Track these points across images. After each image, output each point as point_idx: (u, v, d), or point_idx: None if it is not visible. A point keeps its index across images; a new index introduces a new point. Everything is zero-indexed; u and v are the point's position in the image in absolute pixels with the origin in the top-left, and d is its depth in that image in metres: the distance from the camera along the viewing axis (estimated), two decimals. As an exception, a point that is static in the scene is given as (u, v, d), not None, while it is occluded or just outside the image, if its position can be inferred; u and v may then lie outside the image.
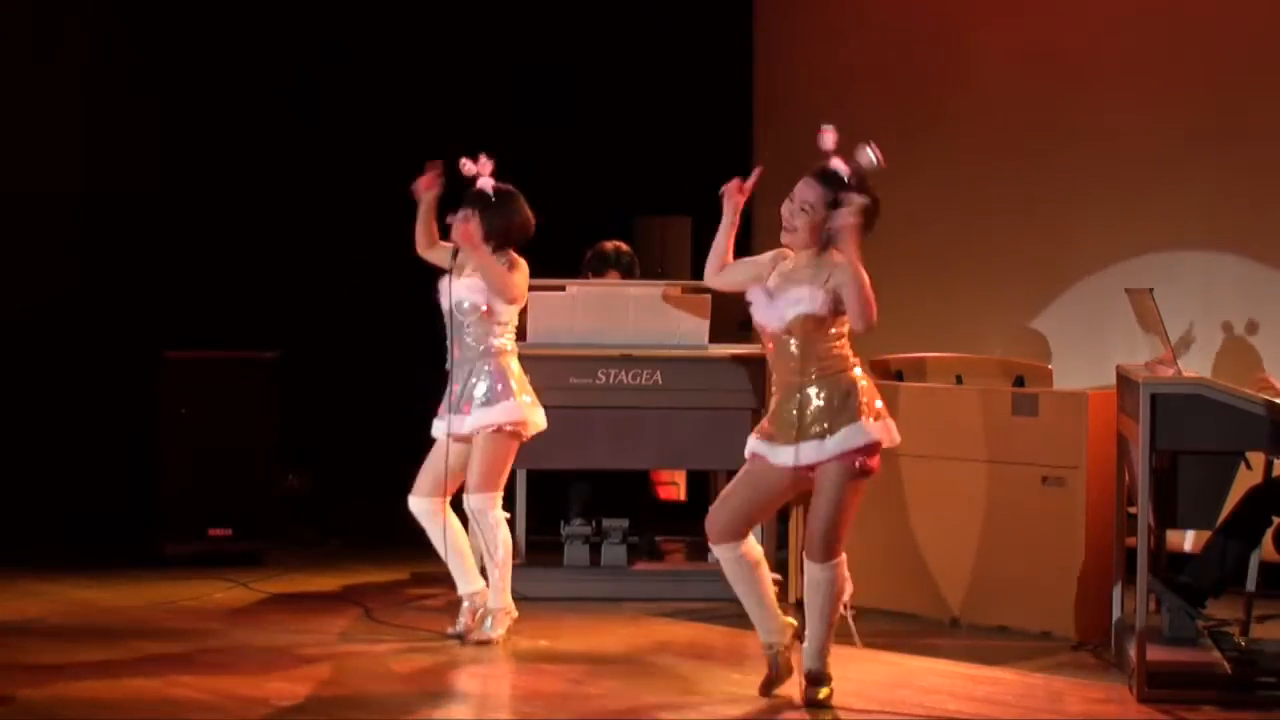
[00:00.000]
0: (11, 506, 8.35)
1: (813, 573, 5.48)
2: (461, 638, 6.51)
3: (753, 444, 5.62)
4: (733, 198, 5.67)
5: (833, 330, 5.47)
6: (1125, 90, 8.49)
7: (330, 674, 5.95)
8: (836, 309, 5.43)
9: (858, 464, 5.42)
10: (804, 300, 5.43)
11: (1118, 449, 6.48)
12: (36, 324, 8.70)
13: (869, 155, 5.41)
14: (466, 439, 6.49)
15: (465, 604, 6.60)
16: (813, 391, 5.45)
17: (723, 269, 5.75)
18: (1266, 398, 5.70)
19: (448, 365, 6.56)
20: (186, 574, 7.76)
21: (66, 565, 7.90)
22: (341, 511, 9.14)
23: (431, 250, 6.63)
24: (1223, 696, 5.62)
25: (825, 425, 5.42)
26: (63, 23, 8.84)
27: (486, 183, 6.49)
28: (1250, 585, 6.26)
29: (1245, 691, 5.64)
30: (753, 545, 5.69)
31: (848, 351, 5.52)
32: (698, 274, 9.23)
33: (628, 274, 7.91)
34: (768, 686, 5.68)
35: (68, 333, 8.77)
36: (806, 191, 5.49)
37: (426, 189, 6.58)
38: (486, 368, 6.49)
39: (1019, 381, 7.09)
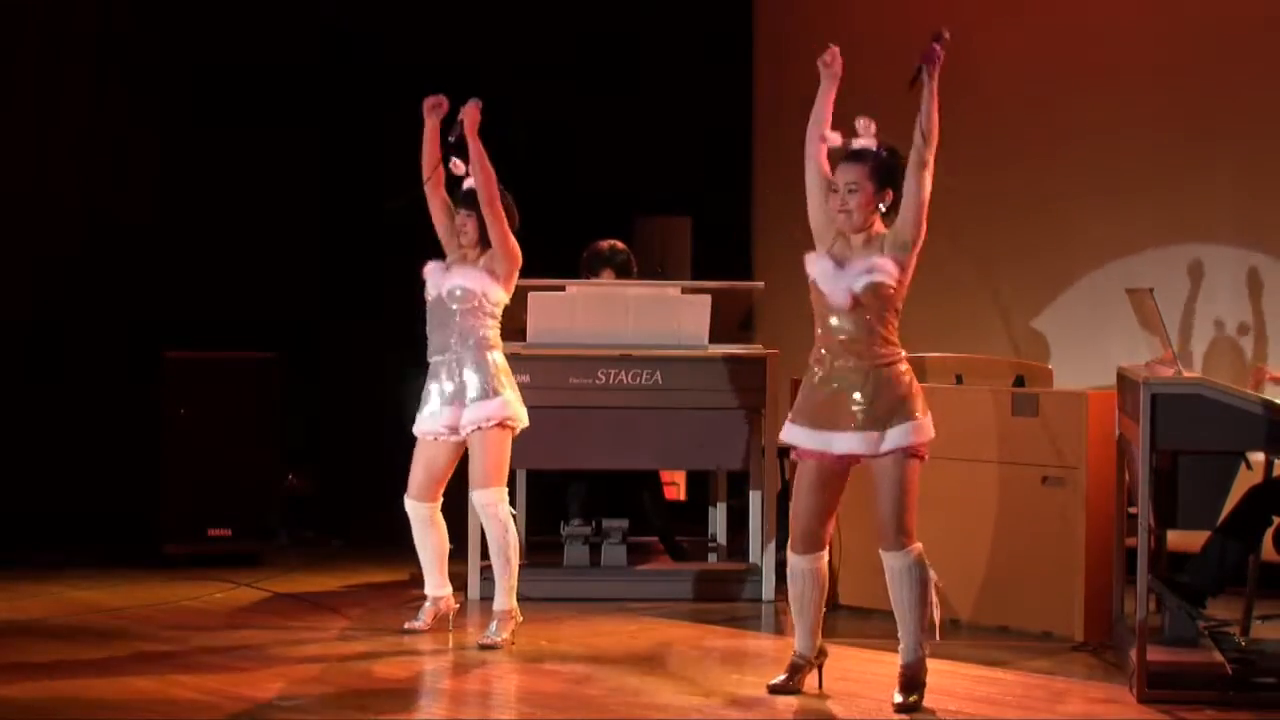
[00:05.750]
0: (12, 506, 8.36)
1: (891, 563, 5.52)
2: (415, 633, 6.57)
3: (796, 435, 5.58)
4: (831, 66, 5.67)
5: (892, 310, 5.49)
6: (1125, 89, 8.50)
7: (330, 674, 5.95)
8: (899, 281, 5.47)
9: (920, 452, 5.50)
10: (876, 270, 5.45)
11: (1118, 449, 6.48)
12: (37, 324, 8.70)
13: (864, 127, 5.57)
14: (454, 429, 6.49)
15: (427, 604, 6.67)
16: (872, 381, 5.44)
17: (823, 143, 5.64)
18: (1266, 398, 5.70)
19: (429, 357, 6.55)
20: (186, 574, 7.77)
21: (66, 565, 7.91)
22: (341, 511, 9.15)
23: (435, 194, 6.58)
24: (1223, 696, 5.61)
25: (886, 417, 5.44)
26: (68, 24, 8.85)
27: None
28: (1250, 585, 6.27)
29: (1245, 691, 5.64)
30: (825, 561, 5.68)
31: (896, 340, 5.52)
32: (698, 274, 9.32)
33: (623, 272, 7.87)
34: (779, 690, 5.68)
35: (68, 333, 8.77)
36: (848, 173, 5.53)
37: (431, 109, 6.53)
38: (477, 361, 6.46)
39: (1019, 381, 7.09)
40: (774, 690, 5.67)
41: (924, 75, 5.46)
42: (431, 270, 6.55)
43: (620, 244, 7.97)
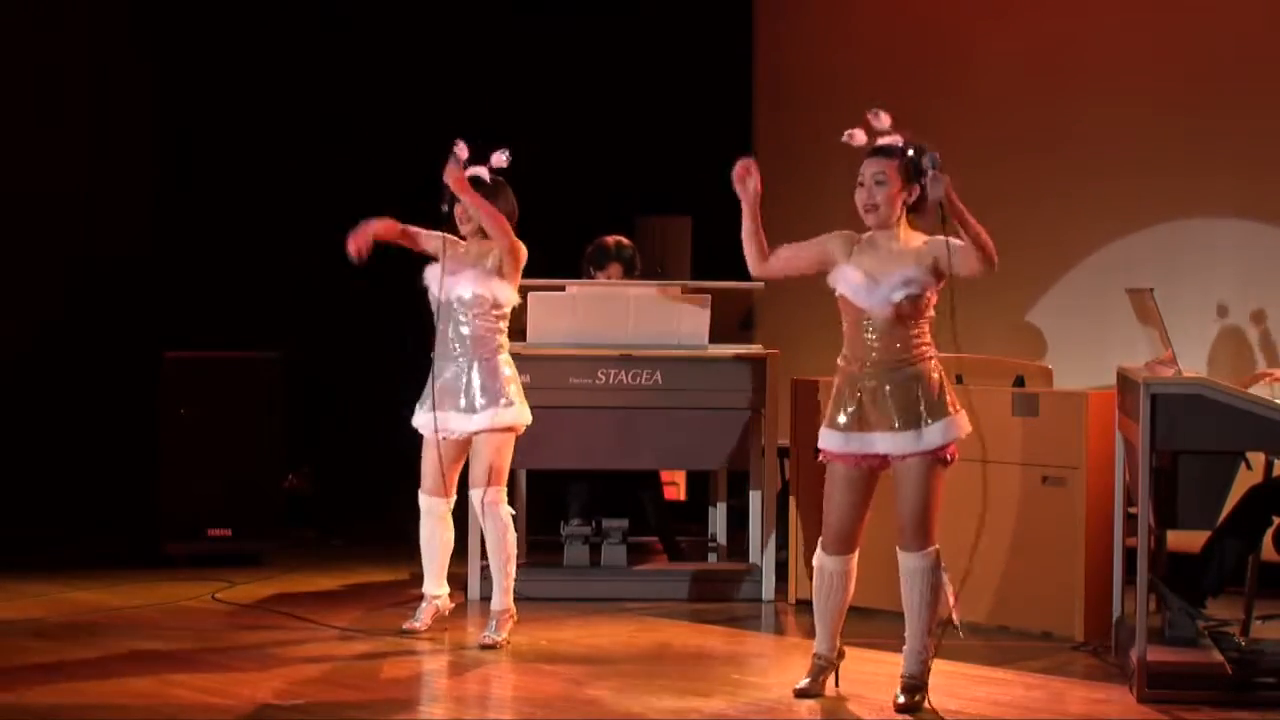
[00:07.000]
0: (12, 506, 8.35)
1: (907, 563, 5.49)
2: (414, 634, 6.56)
3: (831, 440, 5.55)
4: (743, 182, 5.60)
5: (926, 314, 5.49)
6: (1123, 86, 8.49)
7: (330, 674, 5.95)
8: (932, 289, 5.47)
9: (948, 456, 5.46)
10: (914, 282, 5.43)
11: (1117, 449, 6.47)
12: (37, 324, 8.70)
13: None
14: (461, 430, 6.47)
15: (425, 604, 6.66)
16: (904, 381, 5.42)
17: (770, 256, 5.62)
18: (1266, 398, 5.70)
19: (434, 353, 6.52)
20: (186, 574, 7.77)
21: (66, 565, 7.90)
22: (342, 511, 9.15)
23: (417, 246, 6.59)
24: (1223, 697, 5.61)
25: (923, 418, 5.41)
26: (66, 21, 8.84)
27: (481, 170, 6.47)
28: (1250, 585, 6.26)
29: (1245, 691, 5.63)
30: (855, 563, 5.65)
31: (930, 339, 5.52)
32: (698, 274, 9.32)
33: (629, 267, 7.86)
34: (805, 693, 5.65)
35: (69, 333, 8.77)
36: (876, 166, 5.49)
37: (380, 234, 6.54)
38: (488, 367, 6.44)
39: (1019, 381, 7.08)
40: (800, 694, 5.64)
41: (942, 210, 5.35)
42: (432, 274, 6.53)
43: (626, 240, 7.96)
